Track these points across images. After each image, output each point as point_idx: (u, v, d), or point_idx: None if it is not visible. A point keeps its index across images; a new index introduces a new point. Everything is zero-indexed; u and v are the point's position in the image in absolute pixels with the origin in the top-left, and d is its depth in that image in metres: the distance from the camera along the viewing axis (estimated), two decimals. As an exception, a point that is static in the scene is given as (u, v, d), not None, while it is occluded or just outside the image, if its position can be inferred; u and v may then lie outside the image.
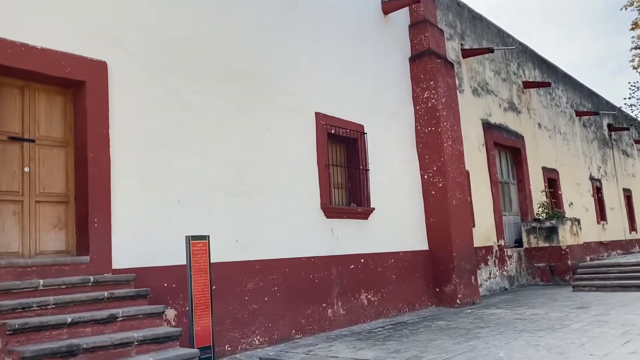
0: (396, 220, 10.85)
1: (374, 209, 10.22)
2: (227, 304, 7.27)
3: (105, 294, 5.42)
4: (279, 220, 8.41)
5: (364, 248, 10.00)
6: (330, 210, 9.36)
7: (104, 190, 6.15)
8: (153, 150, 6.84)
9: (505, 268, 14.33)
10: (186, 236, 5.79)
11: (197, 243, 5.75)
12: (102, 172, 6.16)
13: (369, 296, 9.85)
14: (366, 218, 10.15)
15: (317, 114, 9.46)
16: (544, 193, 16.62)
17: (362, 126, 10.39)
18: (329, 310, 8.95)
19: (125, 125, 6.57)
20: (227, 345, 7.15)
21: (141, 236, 6.44)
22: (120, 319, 5.17)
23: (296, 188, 8.84)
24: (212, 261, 6.50)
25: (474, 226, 12.89)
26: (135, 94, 6.77)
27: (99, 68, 6.33)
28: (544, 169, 17.58)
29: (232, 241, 7.54)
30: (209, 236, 5.95)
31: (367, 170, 10.24)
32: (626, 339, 6.51)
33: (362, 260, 9.88)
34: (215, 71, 7.84)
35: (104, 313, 5.12)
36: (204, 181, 7.35)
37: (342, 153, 10.30)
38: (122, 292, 5.56)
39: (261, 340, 7.66)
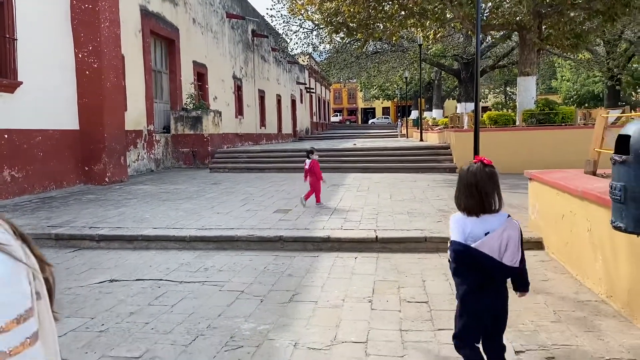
0: (46, 97, 10.46)
1: (21, 82, 9.62)
2: None
3: None
4: None
5: (8, 123, 9.45)
6: (-33, 79, 8.46)
7: None
8: None
9: (153, 151, 15.45)
10: None
11: None
12: None
13: (13, 172, 9.51)
14: (12, 92, 9.50)
15: (-49, -36, 8.13)
16: (192, 85, 18.12)
17: (8, -11, 9.39)
18: (-34, 186, 8.37)
19: None
20: None
21: None
22: None
23: None
24: None
25: (126, 110, 13.38)
26: None
27: None
28: (195, 63, 18.97)
29: None
30: None
31: (15, 39, 9.44)
32: (244, 202, 8.46)
33: (6, 136, 9.36)
34: None
35: None
36: None
37: (-17, 16, 9.18)
38: None
39: None
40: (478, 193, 2.40)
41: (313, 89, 48.16)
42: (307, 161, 7.86)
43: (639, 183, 2.44)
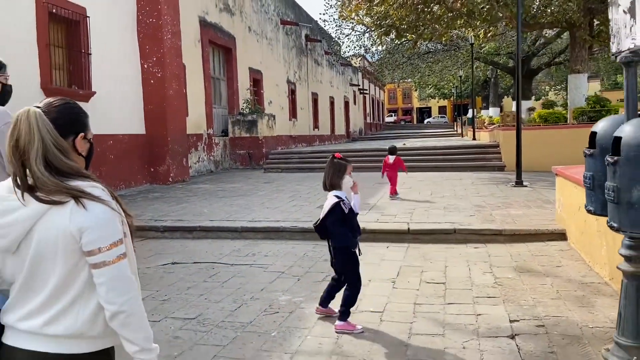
0: (116, 105, 11.56)
1: (95, 92, 10.73)
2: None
3: None
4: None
5: (84, 129, 10.54)
6: (51, 91, 9.58)
7: None
8: None
9: (212, 154, 16.47)
10: None
11: None
12: None
13: (89, 174, 10.60)
14: (87, 101, 10.62)
15: (37, -9, 9.28)
16: (248, 91, 19.08)
17: (84, 9, 10.51)
18: (50, 185, 9.48)
19: None
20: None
21: None
22: None
23: (14, 67, 8.77)
24: None
25: (187, 115, 14.42)
26: None
27: None
28: (251, 69, 19.94)
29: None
30: None
31: (89, 54, 10.56)
32: (292, 199, 9.14)
33: (82, 141, 10.45)
34: None
35: None
36: None
37: (63, 34, 10.33)
38: None
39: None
40: (326, 176, 3.57)
41: (366, 89, 48.56)
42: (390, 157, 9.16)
43: (604, 172, 2.87)
